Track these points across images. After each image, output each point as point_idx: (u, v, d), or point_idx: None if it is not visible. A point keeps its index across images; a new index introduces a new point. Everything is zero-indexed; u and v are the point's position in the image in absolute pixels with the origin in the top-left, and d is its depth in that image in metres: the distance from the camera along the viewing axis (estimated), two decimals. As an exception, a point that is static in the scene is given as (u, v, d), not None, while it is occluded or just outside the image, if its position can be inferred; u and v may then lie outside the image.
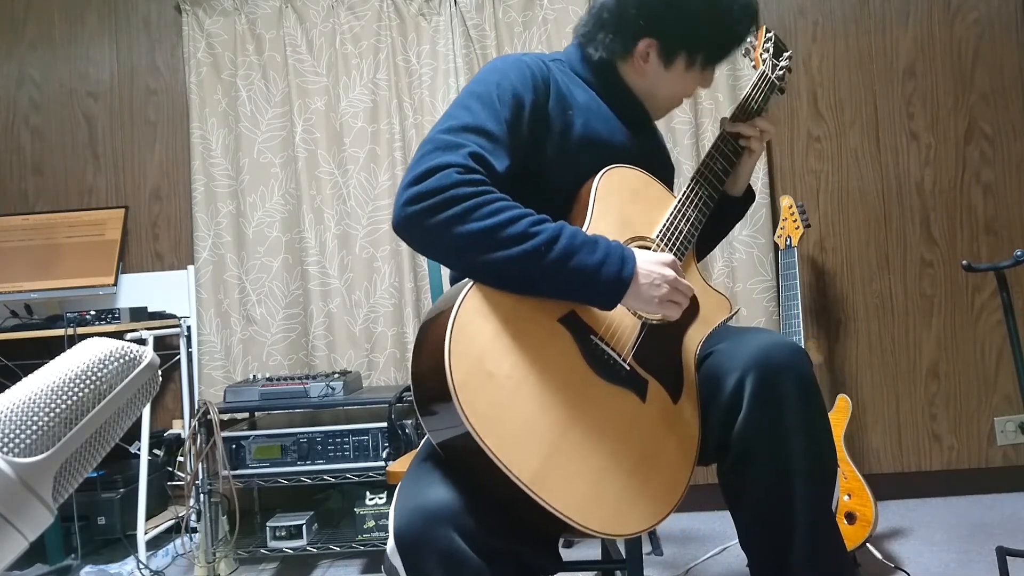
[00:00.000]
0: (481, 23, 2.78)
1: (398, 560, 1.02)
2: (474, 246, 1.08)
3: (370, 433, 2.34)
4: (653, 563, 2.26)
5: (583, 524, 1.03)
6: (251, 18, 2.86)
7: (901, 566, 2.07)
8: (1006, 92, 2.72)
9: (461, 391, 1.01)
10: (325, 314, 2.79)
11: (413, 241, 1.14)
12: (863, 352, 2.76)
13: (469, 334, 1.05)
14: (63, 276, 2.78)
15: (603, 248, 1.13)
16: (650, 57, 1.35)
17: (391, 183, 2.78)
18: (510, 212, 1.10)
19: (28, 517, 0.52)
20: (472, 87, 1.24)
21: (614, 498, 1.07)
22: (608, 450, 1.09)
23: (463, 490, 1.03)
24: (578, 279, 1.11)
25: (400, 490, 1.09)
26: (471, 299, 1.08)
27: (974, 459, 2.72)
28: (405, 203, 1.10)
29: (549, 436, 1.05)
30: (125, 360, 0.59)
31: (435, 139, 1.15)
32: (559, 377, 1.09)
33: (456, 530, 0.99)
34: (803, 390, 1.13)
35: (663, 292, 1.14)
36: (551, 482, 1.02)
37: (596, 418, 1.09)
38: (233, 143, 2.86)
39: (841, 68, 2.78)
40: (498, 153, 1.17)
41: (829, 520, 1.17)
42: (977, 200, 2.73)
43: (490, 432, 1.00)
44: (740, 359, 1.15)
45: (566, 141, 1.28)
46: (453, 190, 1.08)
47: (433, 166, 1.10)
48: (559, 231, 1.11)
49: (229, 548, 2.41)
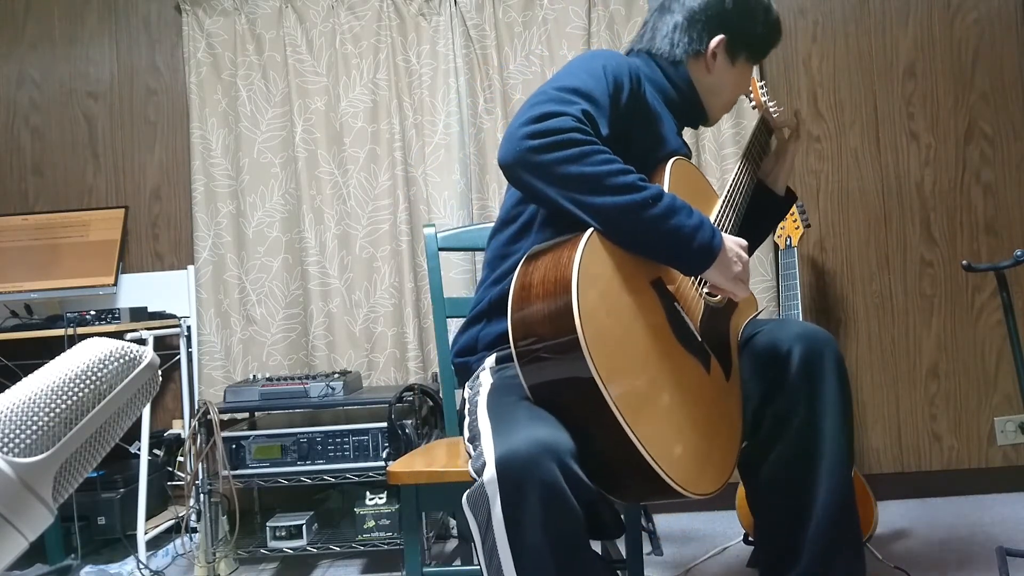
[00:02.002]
0: (481, 23, 2.78)
1: (495, 488, 0.98)
2: (586, 187, 1.15)
3: (370, 433, 2.34)
4: (653, 563, 2.26)
5: (672, 477, 1.05)
6: (251, 18, 2.86)
7: (901, 566, 2.07)
8: (1006, 92, 2.72)
9: (587, 331, 1.03)
10: (325, 314, 2.79)
11: (526, 172, 1.18)
12: (863, 352, 2.76)
13: (591, 276, 1.09)
14: (63, 276, 2.78)
15: (698, 216, 1.21)
16: (718, 55, 1.47)
17: (391, 183, 2.79)
18: (619, 164, 1.18)
19: (28, 517, 0.52)
20: (578, 62, 1.32)
21: (691, 457, 1.12)
22: (688, 413, 1.14)
23: (571, 432, 1.04)
24: (674, 238, 1.18)
25: (495, 425, 1.08)
26: (592, 244, 1.13)
27: (974, 459, 2.72)
28: (523, 137, 1.15)
29: (646, 388, 1.10)
30: (125, 360, 0.59)
31: (548, 92, 1.22)
32: (652, 334, 1.15)
33: (561, 469, 0.98)
34: (839, 368, 1.26)
35: (738, 270, 1.25)
36: (647, 431, 1.05)
37: (677, 379, 1.15)
38: (233, 143, 2.86)
39: (841, 68, 2.78)
40: (602, 119, 1.25)
41: (850, 498, 1.23)
42: (977, 200, 2.73)
43: (608, 376, 1.03)
44: (789, 333, 1.27)
45: (647, 134, 1.38)
46: (571, 133, 1.15)
47: (551, 111, 1.17)
48: (662, 191, 1.19)
49: (229, 548, 2.41)
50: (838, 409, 1.22)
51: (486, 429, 1.08)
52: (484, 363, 1.34)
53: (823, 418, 1.22)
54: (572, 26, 2.74)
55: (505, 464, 0.98)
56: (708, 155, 2.73)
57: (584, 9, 2.75)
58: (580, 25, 2.74)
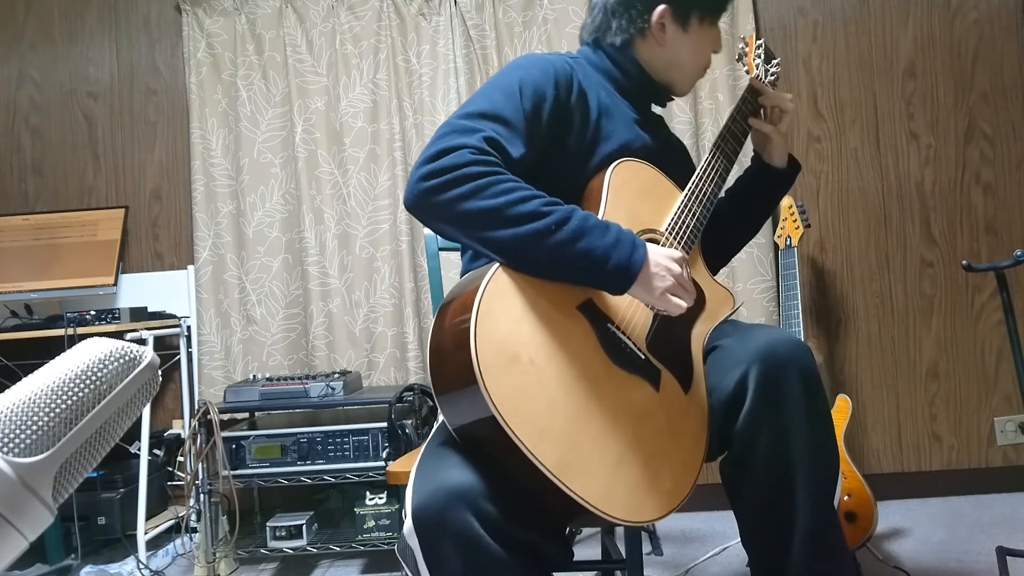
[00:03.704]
0: (481, 23, 2.78)
1: (415, 541, 1.00)
2: (484, 222, 1.11)
3: (370, 433, 2.34)
4: (653, 563, 2.26)
5: (606, 511, 1.03)
6: (251, 18, 2.86)
7: (901, 566, 2.07)
8: (1006, 92, 2.72)
9: (487, 374, 1.00)
10: (325, 314, 2.79)
11: (425, 216, 1.16)
12: (863, 352, 2.76)
13: (495, 317, 1.05)
14: (63, 276, 2.78)
15: (614, 233, 1.14)
16: (666, 26, 1.40)
17: (391, 183, 2.78)
18: (521, 192, 1.12)
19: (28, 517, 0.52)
20: (494, 80, 1.27)
21: (633, 485, 1.07)
22: (626, 437, 1.09)
23: (484, 475, 1.02)
24: (587, 261, 1.12)
25: (418, 472, 1.08)
26: (496, 282, 1.08)
27: (974, 459, 2.71)
28: (419, 179, 1.12)
29: (570, 423, 1.05)
30: (125, 360, 0.59)
31: (452, 123, 1.18)
32: (579, 364, 1.09)
33: (475, 514, 0.98)
34: (806, 385, 1.14)
35: (667, 284, 1.16)
36: (573, 469, 1.02)
37: (614, 405, 1.10)
38: (233, 143, 2.86)
39: (841, 68, 2.78)
40: (514, 140, 1.20)
41: (831, 517, 1.17)
42: (977, 200, 2.72)
43: (514, 416, 0.99)
44: (745, 353, 1.17)
45: (585, 138, 1.31)
46: (466, 168, 1.11)
47: (448, 147, 1.13)
48: (570, 213, 1.13)
49: (229, 548, 2.41)
50: (807, 428, 1.13)
51: (411, 476, 1.07)
52: None
53: (792, 443, 1.13)
54: (572, 26, 2.74)
55: (419, 518, 1.00)
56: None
57: (584, 9, 2.75)
58: (580, 25, 2.73)
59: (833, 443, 1.20)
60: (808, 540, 1.13)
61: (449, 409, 1.09)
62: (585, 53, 1.48)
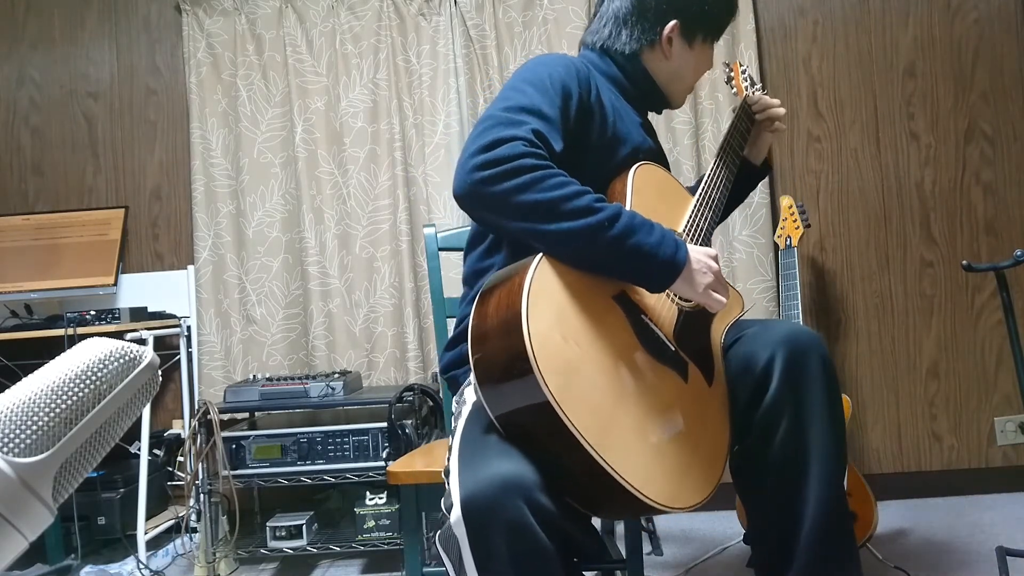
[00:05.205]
0: (481, 23, 2.78)
1: (462, 530, 0.98)
2: (539, 215, 1.12)
3: (370, 433, 2.34)
4: (653, 563, 2.26)
5: (648, 496, 1.03)
6: (251, 18, 2.86)
7: (901, 566, 2.07)
8: (1006, 92, 2.72)
9: (540, 357, 1.00)
10: (325, 314, 2.79)
11: (478, 206, 1.16)
12: (863, 352, 2.76)
13: (542, 304, 1.06)
14: (63, 276, 2.78)
15: (659, 232, 1.18)
16: (674, 41, 1.46)
17: (391, 183, 2.79)
18: (574, 187, 1.15)
19: (28, 517, 0.52)
20: (523, 74, 1.29)
21: (669, 472, 1.09)
22: (659, 425, 1.11)
23: (535, 465, 1.01)
24: (635, 257, 1.15)
25: (461, 461, 1.06)
26: (542, 270, 1.10)
27: (974, 459, 2.71)
28: (473, 169, 1.13)
29: (615, 407, 1.07)
30: (125, 360, 0.59)
31: (496, 115, 1.19)
32: (616, 351, 1.11)
33: (528, 505, 0.96)
34: (826, 371, 1.21)
35: (709, 280, 1.21)
36: (618, 452, 1.03)
37: (648, 394, 1.12)
38: (233, 143, 2.86)
39: (841, 68, 2.78)
40: (554, 135, 1.22)
41: (841, 501, 1.21)
42: (977, 200, 2.72)
43: (566, 401, 1.00)
44: (770, 339, 1.23)
45: (605, 136, 1.35)
46: (521, 159, 1.12)
47: (500, 137, 1.14)
48: (619, 210, 1.16)
49: (229, 548, 2.41)
50: (825, 414, 1.19)
51: (455, 465, 1.06)
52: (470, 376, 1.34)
53: (810, 426, 1.18)
54: (572, 26, 2.74)
55: (470, 507, 0.98)
56: (708, 155, 2.72)
57: (584, 9, 2.75)
58: (580, 25, 2.73)
59: (844, 429, 1.25)
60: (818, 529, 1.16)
61: (494, 395, 1.08)
62: (590, 58, 1.50)
